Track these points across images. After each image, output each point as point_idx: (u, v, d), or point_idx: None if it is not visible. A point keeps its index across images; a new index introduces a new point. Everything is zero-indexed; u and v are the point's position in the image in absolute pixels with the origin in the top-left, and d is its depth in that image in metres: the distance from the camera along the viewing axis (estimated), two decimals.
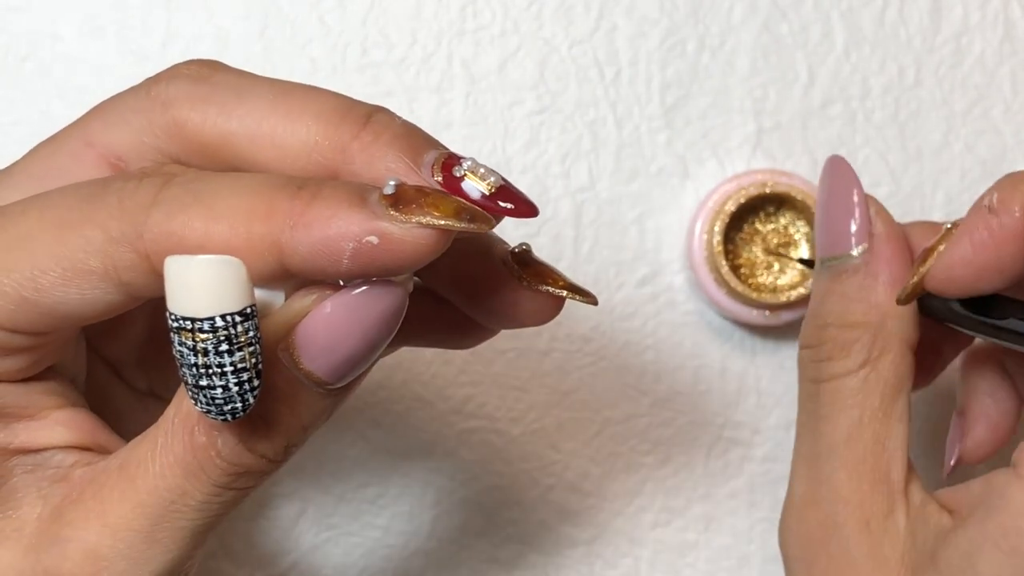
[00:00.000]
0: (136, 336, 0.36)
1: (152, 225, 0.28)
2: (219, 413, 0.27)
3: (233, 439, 0.29)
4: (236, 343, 0.26)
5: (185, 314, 0.26)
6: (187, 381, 0.27)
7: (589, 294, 0.33)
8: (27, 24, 0.47)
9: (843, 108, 0.49)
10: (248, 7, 0.47)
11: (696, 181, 0.48)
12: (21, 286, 0.28)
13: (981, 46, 0.49)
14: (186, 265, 0.26)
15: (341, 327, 0.28)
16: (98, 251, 0.28)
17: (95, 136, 0.32)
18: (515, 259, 0.33)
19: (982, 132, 0.49)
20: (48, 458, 0.31)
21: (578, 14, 0.48)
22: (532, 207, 0.30)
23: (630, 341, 0.48)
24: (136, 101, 0.32)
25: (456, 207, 0.28)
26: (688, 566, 0.48)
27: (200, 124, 0.31)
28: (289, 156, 0.30)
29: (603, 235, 0.48)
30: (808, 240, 0.47)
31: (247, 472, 0.29)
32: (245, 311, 0.26)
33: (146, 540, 0.29)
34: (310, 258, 0.27)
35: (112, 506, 0.29)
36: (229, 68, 0.32)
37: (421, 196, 0.28)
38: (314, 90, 0.31)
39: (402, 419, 0.48)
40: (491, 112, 0.48)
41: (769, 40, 0.48)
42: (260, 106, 0.30)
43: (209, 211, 0.28)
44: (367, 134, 0.30)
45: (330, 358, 0.29)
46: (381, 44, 0.48)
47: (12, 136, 0.47)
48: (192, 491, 0.29)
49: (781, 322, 0.47)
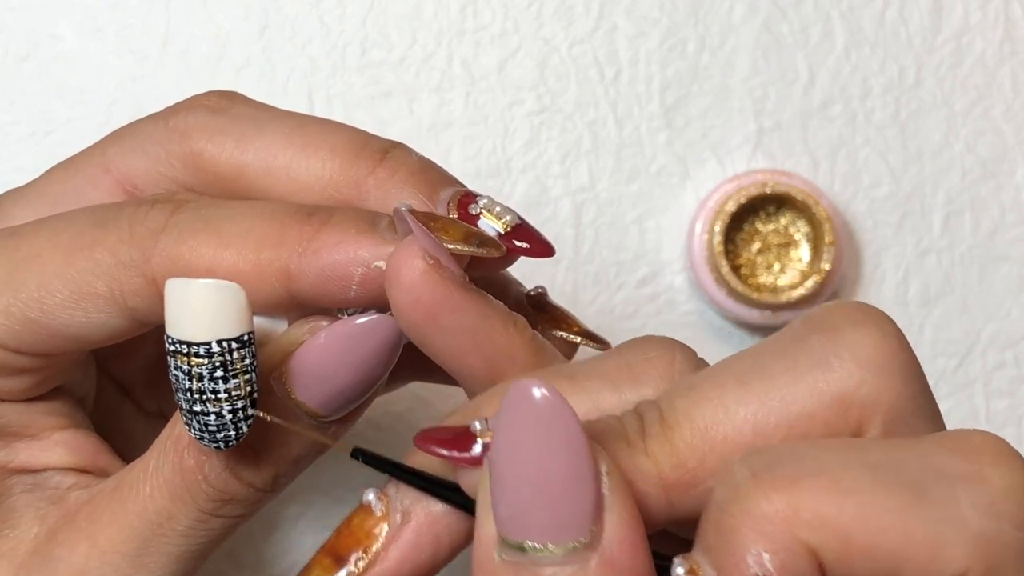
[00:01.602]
0: (146, 358, 0.36)
1: (161, 250, 0.28)
2: (211, 440, 0.27)
3: (220, 465, 0.28)
4: (231, 370, 0.26)
5: (182, 337, 0.26)
6: (181, 406, 0.26)
7: (603, 341, 0.33)
8: (26, 24, 0.47)
9: (843, 108, 0.49)
10: (248, 7, 0.47)
11: (696, 181, 0.48)
12: (27, 306, 0.28)
13: (981, 46, 0.49)
14: (185, 288, 0.26)
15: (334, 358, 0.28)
16: (105, 275, 0.28)
17: (112, 162, 0.32)
18: (530, 303, 0.33)
19: (982, 132, 0.49)
20: (48, 478, 0.31)
21: (578, 14, 0.48)
22: (548, 247, 0.30)
23: None
24: (154, 130, 0.32)
25: (465, 232, 0.28)
26: None
27: (216, 156, 0.31)
28: (304, 190, 0.30)
29: (603, 235, 0.48)
30: (808, 240, 0.47)
31: (233, 500, 0.29)
32: (242, 338, 0.26)
33: (132, 564, 0.29)
34: (318, 284, 0.27)
35: (102, 528, 0.29)
36: (247, 100, 0.32)
37: (430, 222, 0.28)
38: (331, 124, 0.31)
39: (402, 419, 0.48)
40: (491, 112, 0.48)
41: (769, 40, 0.48)
42: (276, 139, 0.30)
43: (218, 237, 0.28)
44: (383, 170, 0.30)
45: (322, 389, 0.28)
46: (381, 44, 0.48)
47: (12, 136, 0.47)
48: (178, 515, 0.29)
49: (781, 322, 0.47)
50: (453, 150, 0.48)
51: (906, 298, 0.49)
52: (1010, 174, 0.49)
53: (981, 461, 0.23)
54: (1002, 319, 0.49)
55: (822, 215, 0.46)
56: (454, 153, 0.47)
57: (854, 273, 0.48)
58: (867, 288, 0.48)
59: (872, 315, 0.25)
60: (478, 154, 0.48)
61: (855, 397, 0.24)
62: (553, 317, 0.33)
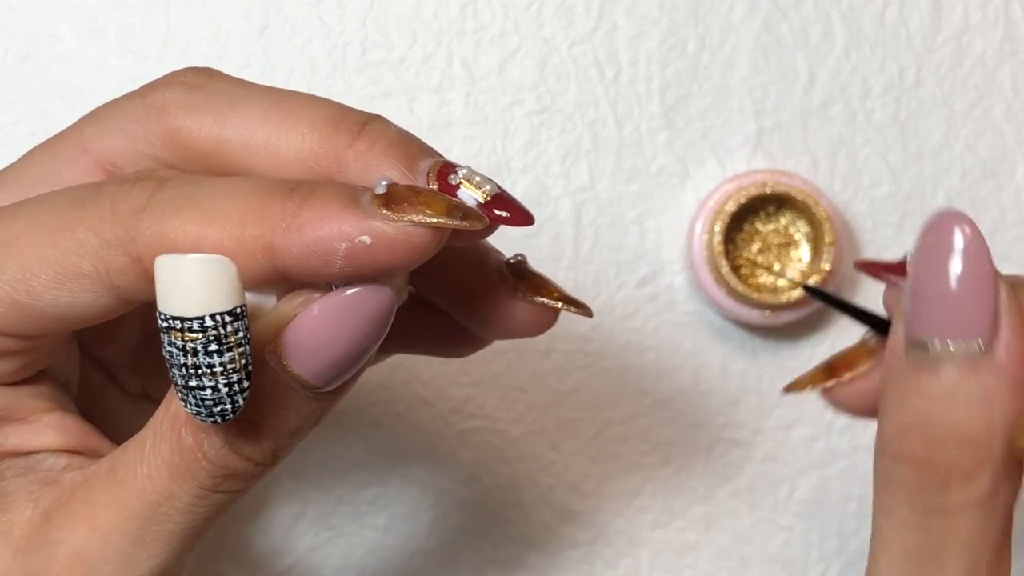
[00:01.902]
0: (130, 339, 0.36)
1: (144, 228, 0.28)
2: (208, 415, 0.27)
3: (219, 441, 0.28)
4: (225, 343, 0.26)
5: (174, 313, 0.26)
6: (176, 382, 0.27)
7: (584, 306, 0.33)
8: (26, 24, 0.47)
9: (843, 108, 0.49)
10: (248, 7, 0.47)
11: (696, 181, 0.48)
12: (12, 289, 0.28)
13: (981, 46, 0.49)
14: (176, 264, 0.26)
15: (328, 330, 0.28)
16: (90, 254, 0.28)
17: (89, 142, 0.32)
18: (510, 270, 0.33)
19: (982, 132, 0.49)
20: (40, 461, 0.31)
21: (578, 14, 0.48)
22: (528, 215, 0.30)
23: (630, 341, 0.48)
24: (131, 109, 0.32)
25: (448, 205, 0.28)
26: (688, 567, 0.48)
27: (195, 132, 0.31)
28: (284, 164, 0.30)
29: (603, 235, 0.48)
30: (808, 240, 0.47)
31: (233, 475, 0.29)
32: (235, 311, 0.26)
33: (133, 543, 0.29)
34: (303, 259, 0.27)
35: (100, 509, 0.29)
36: (225, 76, 0.32)
37: (413, 195, 0.28)
38: (309, 98, 0.31)
39: (402, 419, 0.48)
40: (491, 112, 0.48)
41: (769, 40, 0.48)
42: (255, 114, 0.30)
43: (202, 214, 0.27)
44: (362, 142, 0.30)
45: (317, 361, 0.28)
46: (381, 44, 0.48)
47: (12, 136, 0.47)
48: (179, 493, 0.29)
49: (781, 322, 0.47)
50: (453, 150, 0.48)
51: None
52: (1010, 174, 0.49)
53: None
54: None
55: (822, 215, 0.46)
56: (454, 153, 0.47)
57: (854, 273, 0.48)
58: (867, 288, 0.48)
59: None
60: (478, 154, 0.48)
61: None
62: (534, 284, 0.33)
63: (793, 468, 0.48)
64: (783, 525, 0.48)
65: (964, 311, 0.28)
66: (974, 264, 0.28)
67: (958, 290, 0.28)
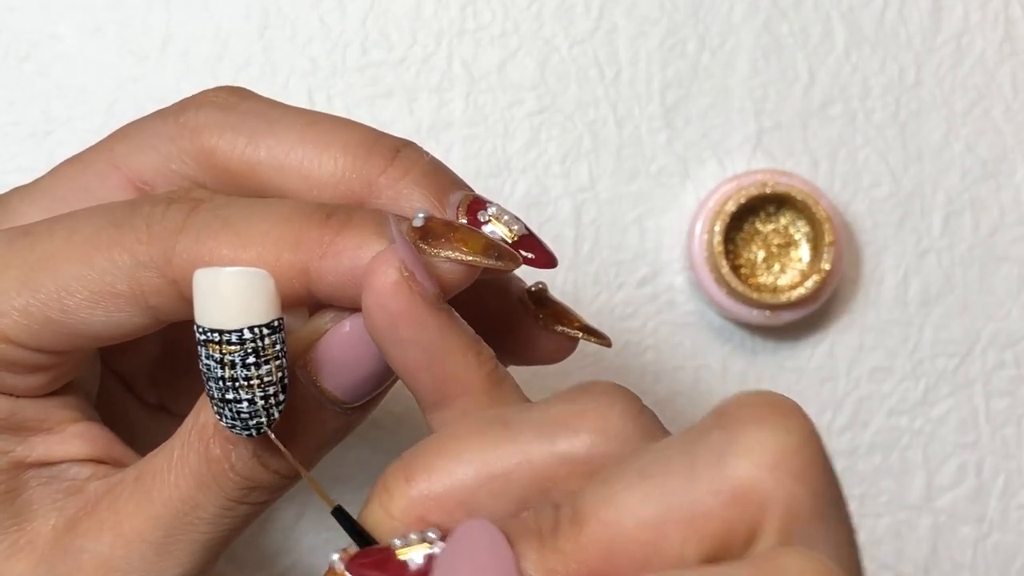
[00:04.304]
0: (149, 352, 0.36)
1: (181, 251, 0.28)
2: (244, 428, 0.27)
3: (247, 454, 0.29)
4: (263, 356, 0.26)
5: (213, 326, 0.26)
6: (212, 395, 0.27)
7: (604, 336, 0.33)
8: (27, 24, 0.47)
9: (843, 108, 0.49)
10: (248, 7, 0.47)
11: (696, 181, 0.48)
12: (47, 306, 0.29)
13: (981, 46, 0.49)
14: (215, 277, 0.26)
15: (359, 346, 0.28)
16: (126, 275, 0.28)
17: (121, 159, 0.32)
18: (531, 298, 0.33)
19: (982, 132, 0.49)
20: (64, 471, 0.31)
21: (578, 14, 0.48)
22: (552, 258, 0.30)
23: (630, 341, 0.48)
24: (163, 127, 0.32)
25: (484, 243, 0.28)
26: None
27: (228, 152, 0.31)
28: (316, 187, 0.30)
29: (603, 235, 0.48)
30: (808, 240, 0.47)
31: (259, 487, 0.29)
32: (272, 324, 0.26)
33: (159, 552, 0.29)
34: (338, 286, 0.28)
35: (126, 517, 0.29)
36: (256, 96, 0.32)
37: (450, 231, 0.28)
38: (342, 121, 0.31)
39: (402, 419, 0.48)
40: (491, 112, 0.48)
41: (769, 40, 0.48)
42: (288, 136, 0.31)
43: (237, 237, 0.28)
44: (395, 170, 0.30)
45: (347, 377, 0.29)
46: (381, 44, 0.48)
47: (12, 136, 0.47)
48: (205, 503, 0.29)
49: (781, 322, 0.47)
50: (453, 150, 0.48)
51: (906, 298, 0.49)
52: (1010, 174, 0.49)
53: None
54: (1002, 319, 0.49)
55: (822, 215, 0.46)
56: (454, 153, 0.47)
57: (854, 273, 0.48)
58: (867, 288, 0.48)
59: (778, 409, 0.25)
60: (478, 154, 0.48)
61: (751, 496, 0.24)
62: (554, 312, 0.33)
63: None
64: None
65: None
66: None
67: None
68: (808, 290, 0.46)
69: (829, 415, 0.48)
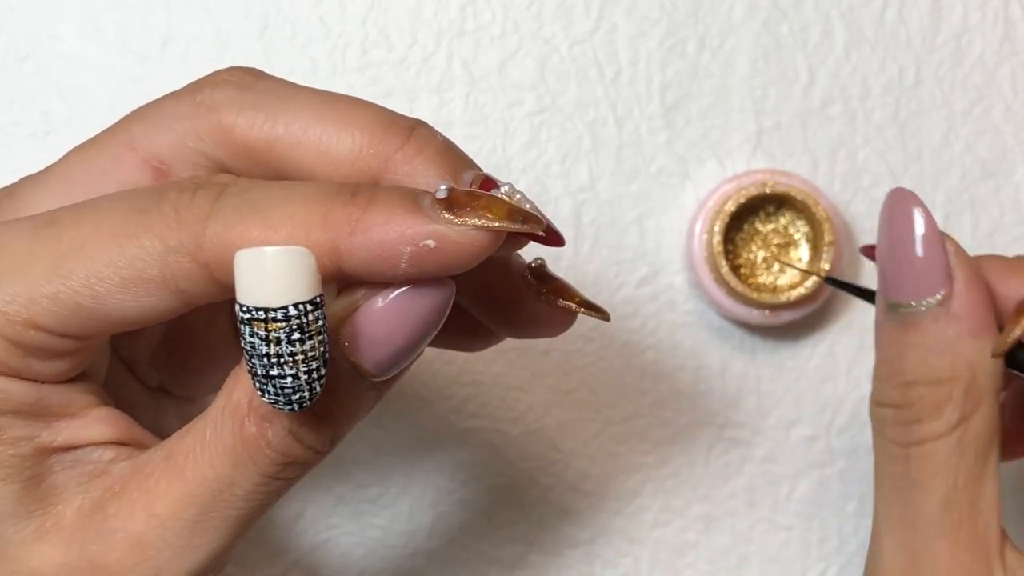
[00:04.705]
0: (153, 336, 0.37)
1: (211, 235, 0.28)
2: (287, 403, 0.28)
3: (283, 430, 0.29)
4: (307, 331, 0.27)
5: (259, 304, 0.27)
6: (256, 372, 0.27)
7: (602, 311, 0.34)
8: (27, 24, 0.47)
9: (843, 108, 0.49)
10: (248, 7, 0.47)
11: (696, 181, 0.48)
12: (77, 293, 0.29)
13: (981, 46, 0.49)
14: (259, 257, 0.27)
15: (391, 320, 0.29)
16: (156, 260, 0.29)
17: (137, 140, 0.32)
18: (532, 273, 0.34)
19: (982, 132, 0.49)
20: (87, 454, 0.31)
21: (578, 14, 0.48)
22: (560, 237, 0.32)
23: (630, 341, 0.48)
24: (179, 106, 0.32)
25: (509, 209, 0.29)
26: (688, 566, 0.48)
27: (246, 129, 0.31)
28: (334, 163, 0.31)
29: (603, 235, 0.48)
30: (808, 240, 0.47)
31: (294, 462, 0.30)
32: (315, 300, 0.27)
33: (193, 529, 0.30)
34: (369, 262, 0.28)
35: (159, 496, 0.30)
36: (270, 75, 0.33)
37: (473, 200, 0.29)
38: (356, 100, 0.32)
39: (402, 419, 0.48)
40: (491, 112, 0.48)
41: (769, 40, 0.48)
42: (305, 114, 0.31)
43: (266, 220, 0.28)
44: (411, 147, 0.31)
45: (379, 351, 0.29)
46: (381, 44, 0.48)
47: (12, 136, 0.47)
48: (240, 480, 0.30)
49: (781, 322, 0.47)
50: None
51: None
52: (1009, 174, 0.49)
53: None
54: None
55: (822, 215, 0.46)
56: None
57: (853, 273, 0.49)
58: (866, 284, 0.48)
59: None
60: (478, 154, 0.48)
61: None
62: (555, 288, 0.34)
63: (792, 468, 0.48)
64: (783, 525, 0.48)
65: (923, 273, 0.35)
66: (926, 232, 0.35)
67: (915, 256, 0.35)
68: (808, 290, 0.46)
69: (829, 415, 0.49)
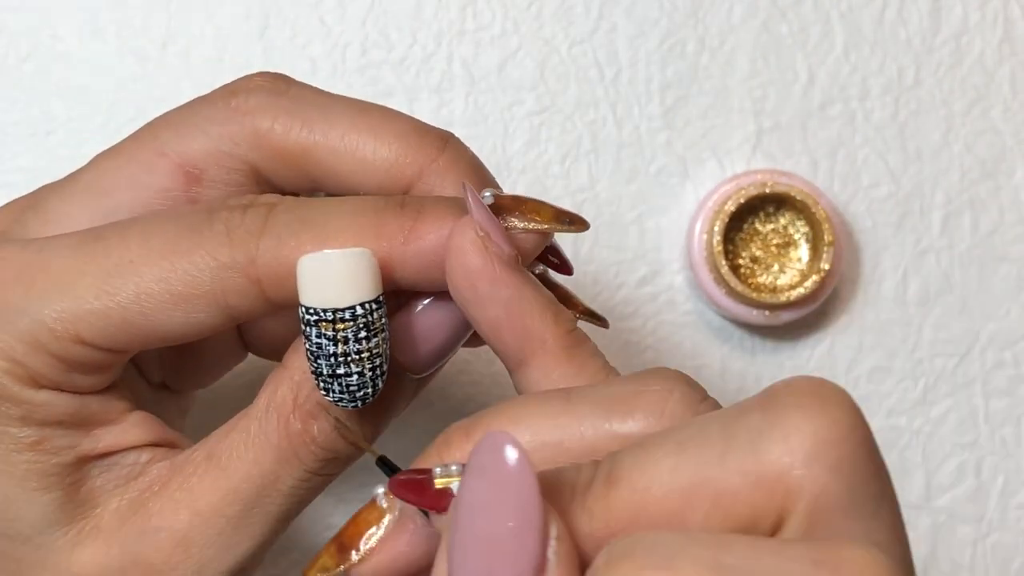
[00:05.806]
0: None
1: (264, 251, 0.29)
2: (351, 400, 0.29)
3: (328, 427, 0.30)
4: (373, 329, 0.28)
5: (326, 306, 0.28)
6: (321, 372, 0.28)
7: (602, 318, 0.35)
8: (27, 24, 0.47)
9: (843, 108, 0.49)
10: (248, 7, 0.47)
11: (696, 181, 0.48)
12: (126, 309, 0.30)
13: (981, 46, 0.49)
14: (324, 260, 0.28)
15: (434, 319, 0.30)
16: (208, 277, 0.29)
17: (168, 145, 0.33)
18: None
19: (982, 132, 0.49)
20: (123, 458, 0.32)
21: (578, 14, 0.48)
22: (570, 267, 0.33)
23: (630, 341, 0.48)
24: (213, 111, 0.33)
25: (554, 211, 0.30)
26: None
27: (282, 135, 0.32)
28: (370, 171, 0.32)
29: (603, 235, 0.48)
30: (807, 240, 0.47)
31: (336, 457, 0.31)
32: (379, 299, 0.28)
33: (236, 526, 0.31)
34: (422, 269, 0.29)
35: (202, 494, 0.31)
36: (300, 82, 0.33)
37: (520, 204, 0.30)
38: (389, 110, 0.33)
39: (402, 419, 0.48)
40: (491, 112, 0.48)
41: (769, 40, 0.49)
42: (341, 122, 0.32)
43: (318, 235, 0.29)
44: (445, 159, 0.32)
45: (420, 349, 0.31)
46: (381, 44, 0.48)
47: (12, 136, 0.47)
48: (284, 476, 0.31)
49: (781, 322, 0.47)
50: None
51: (905, 298, 0.49)
52: (1009, 174, 0.49)
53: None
54: (1001, 319, 0.49)
55: (821, 215, 0.46)
56: None
57: (853, 273, 0.49)
58: (866, 288, 0.49)
59: (823, 397, 0.24)
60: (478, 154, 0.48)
61: (780, 483, 0.23)
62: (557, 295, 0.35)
63: None
64: None
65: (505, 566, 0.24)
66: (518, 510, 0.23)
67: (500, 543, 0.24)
68: (807, 290, 0.46)
69: None
